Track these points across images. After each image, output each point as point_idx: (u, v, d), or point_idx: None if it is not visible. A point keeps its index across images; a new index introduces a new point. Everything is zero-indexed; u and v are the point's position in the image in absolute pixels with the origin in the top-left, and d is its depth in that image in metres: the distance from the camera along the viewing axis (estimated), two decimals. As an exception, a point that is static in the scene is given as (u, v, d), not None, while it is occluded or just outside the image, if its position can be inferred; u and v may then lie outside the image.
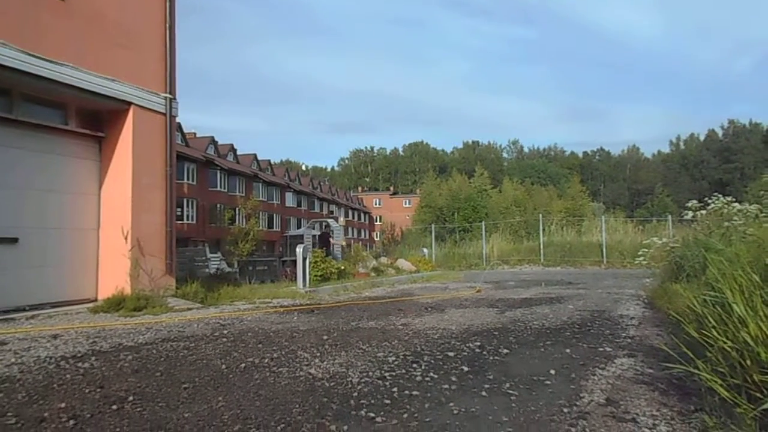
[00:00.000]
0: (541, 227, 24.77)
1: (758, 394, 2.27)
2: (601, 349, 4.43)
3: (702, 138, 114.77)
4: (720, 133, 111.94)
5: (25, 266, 6.93)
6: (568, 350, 4.41)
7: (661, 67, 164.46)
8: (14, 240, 6.80)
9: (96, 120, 8.03)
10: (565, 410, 2.79)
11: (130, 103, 7.88)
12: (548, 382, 3.37)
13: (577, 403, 2.92)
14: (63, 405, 2.89)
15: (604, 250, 22.27)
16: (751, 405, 2.25)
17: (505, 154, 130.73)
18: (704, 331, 2.64)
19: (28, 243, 6.99)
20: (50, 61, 6.74)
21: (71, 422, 2.61)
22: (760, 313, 2.29)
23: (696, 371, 2.55)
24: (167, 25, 8.49)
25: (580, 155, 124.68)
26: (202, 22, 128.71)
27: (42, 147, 7.29)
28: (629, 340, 4.86)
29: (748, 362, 2.33)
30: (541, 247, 23.85)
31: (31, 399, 3.01)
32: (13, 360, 4.01)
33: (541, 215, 27.33)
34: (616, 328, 5.57)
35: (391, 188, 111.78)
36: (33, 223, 7.12)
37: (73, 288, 7.57)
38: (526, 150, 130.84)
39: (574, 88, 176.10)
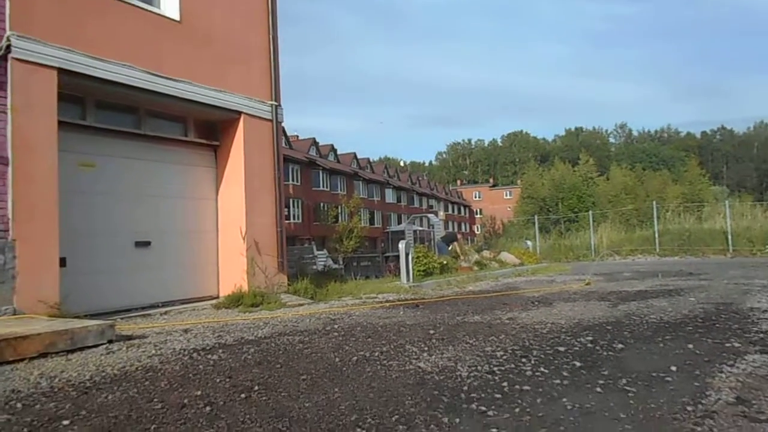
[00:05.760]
0: (655, 215, 23.23)
1: None
2: (728, 345, 4.13)
3: None
4: None
5: (158, 267, 7.66)
6: (690, 346, 4.15)
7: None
8: (147, 243, 7.54)
9: (211, 130, 8.66)
10: (689, 408, 2.65)
11: (240, 113, 8.42)
12: (669, 379, 3.21)
13: (703, 401, 2.76)
14: (199, 393, 3.19)
15: (730, 237, 20.45)
16: None
17: (611, 139, 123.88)
18: None
19: (160, 245, 7.71)
20: (170, 78, 7.38)
21: (207, 408, 2.89)
22: None
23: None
24: (270, 37, 8.97)
25: (698, 136, 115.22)
26: (305, 29, 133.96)
27: (169, 158, 8.00)
28: (762, 335, 4.48)
29: None
30: (656, 235, 22.38)
31: (171, 387, 3.35)
32: (153, 352, 4.47)
33: (654, 202, 25.64)
34: (746, 323, 5.14)
35: (491, 180, 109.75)
36: (164, 227, 7.84)
37: (198, 286, 8.24)
38: (635, 133, 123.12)
39: (686, 65, 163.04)
